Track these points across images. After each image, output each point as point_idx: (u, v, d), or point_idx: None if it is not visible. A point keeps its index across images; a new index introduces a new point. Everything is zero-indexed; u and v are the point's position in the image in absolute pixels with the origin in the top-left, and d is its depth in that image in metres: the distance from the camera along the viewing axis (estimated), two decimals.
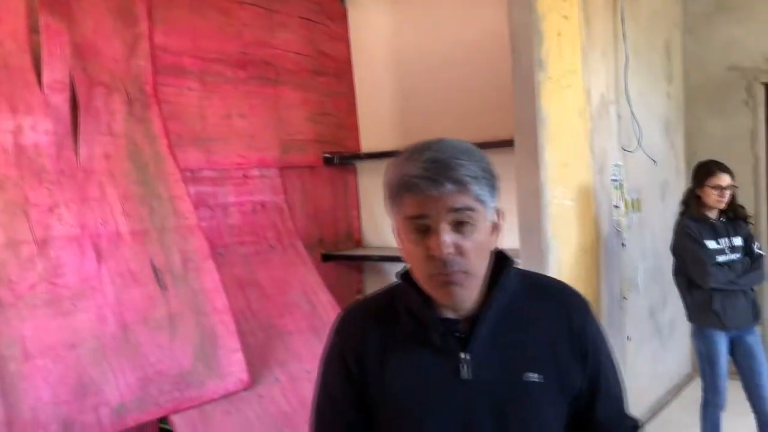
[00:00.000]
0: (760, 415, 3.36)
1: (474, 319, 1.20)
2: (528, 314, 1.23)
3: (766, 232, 4.88)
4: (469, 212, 1.13)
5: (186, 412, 2.76)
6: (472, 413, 1.17)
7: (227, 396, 2.91)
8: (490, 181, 1.16)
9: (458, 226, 1.13)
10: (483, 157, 1.17)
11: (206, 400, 2.84)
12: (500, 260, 1.24)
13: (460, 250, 1.13)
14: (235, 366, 2.96)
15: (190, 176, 3.33)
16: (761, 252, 3.43)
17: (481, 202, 1.14)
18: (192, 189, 3.28)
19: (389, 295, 1.29)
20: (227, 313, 3.01)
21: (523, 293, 1.24)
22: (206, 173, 3.46)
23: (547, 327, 1.22)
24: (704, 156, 3.65)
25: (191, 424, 2.76)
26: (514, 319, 1.21)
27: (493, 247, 1.22)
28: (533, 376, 1.18)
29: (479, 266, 1.17)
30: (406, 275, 1.24)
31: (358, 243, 4.40)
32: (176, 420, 2.72)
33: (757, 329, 3.43)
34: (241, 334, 3.08)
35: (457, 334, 1.19)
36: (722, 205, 3.37)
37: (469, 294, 1.18)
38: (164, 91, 3.23)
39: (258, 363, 3.13)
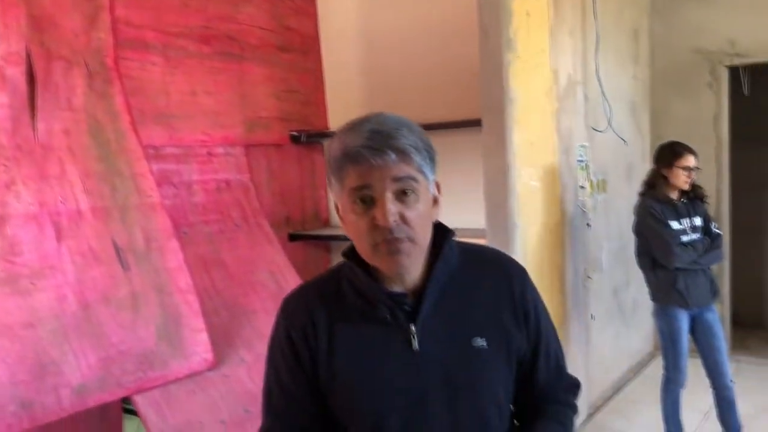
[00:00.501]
0: (719, 390, 3.44)
1: (419, 291, 1.22)
2: (470, 283, 1.26)
3: (728, 212, 4.98)
4: (412, 182, 1.15)
5: (149, 392, 2.73)
6: (425, 384, 1.19)
7: (192, 376, 2.88)
8: (430, 153, 1.19)
9: (401, 195, 1.15)
10: (421, 131, 1.19)
11: (170, 380, 2.81)
12: (440, 233, 1.26)
13: (404, 219, 1.14)
14: (199, 346, 2.93)
15: (153, 153, 3.27)
16: (719, 231, 3.50)
17: (423, 173, 1.17)
18: (155, 166, 3.22)
19: (334, 276, 1.29)
20: (191, 293, 2.97)
21: (463, 264, 1.27)
22: (170, 150, 3.40)
23: (489, 294, 1.26)
24: (669, 138, 3.69)
25: (155, 404, 2.73)
26: (458, 288, 1.24)
27: (434, 220, 1.23)
28: (480, 342, 1.21)
29: (423, 236, 1.18)
30: (350, 253, 1.25)
31: (326, 223, 4.38)
32: (139, 400, 2.69)
33: (715, 307, 3.51)
34: (206, 314, 3.05)
35: (405, 308, 1.21)
36: (687, 186, 3.42)
37: (414, 263, 1.19)
38: (126, 66, 3.15)
39: (223, 343, 3.10)
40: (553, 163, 3.73)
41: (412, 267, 1.20)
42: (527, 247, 3.46)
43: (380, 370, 1.20)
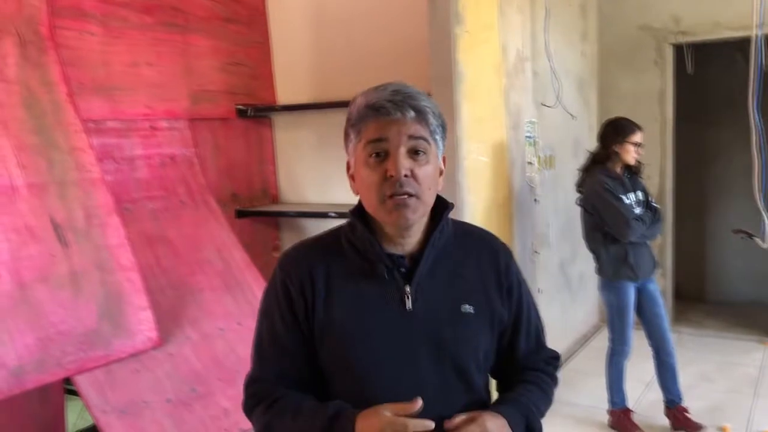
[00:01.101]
0: (662, 356, 3.54)
1: (416, 256, 1.30)
2: (461, 255, 1.35)
3: (671, 187, 5.09)
4: (424, 143, 1.25)
5: (91, 373, 2.66)
6: (414, 341, 1.27)
7: (136, 355, 2.82)
8: (443, 125, 1.30)
9: (414, 154, 1.24)
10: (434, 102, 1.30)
11: (113, 359, 2.74)
12: (440, 205, 1.33)
13: (414, 175, 1.23)
14: (143, 324, 2.87)
15: (94, 127, 3.15)
16: (657, 205, 3.59)
17: (435, 140, 1.27)
18: (95, 141, 3.11)
19: (334, 235, 1.37)
20: (134, 271, 2.90)
21: (456, 236, 1.36)
22: (111, 124, 3.29)
23: (477, 267, 1.36)
24: (616, 114, 3.73)
25: (97, 384, 2.66)
26: (450, 258, 1.33)
27: (439, 189, 1.31)
28: (468, 308, 1.31)
29: (429, 195, 1.27)
30: (356, 212, 1.32)
31: (275, 199, 4.31)
32: (81, 381, 2.62)
33: (655, 277, 3.62)
34: (150, 292, 2.98)
35: (402, 269, 1.29)
36: (635, 162, 3.48)
37: (417, 219, 1.27)
38: (62, 35, 3.02)
39: (168, 321, 3.04)
40: (501, 139, 3.75)
41: (415, 223, 1.28)
42: (475, 221, 3.47)
43: (374, 323, 1.27)
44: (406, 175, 1.21)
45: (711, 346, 4.83)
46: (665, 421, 3.60)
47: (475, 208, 3.46)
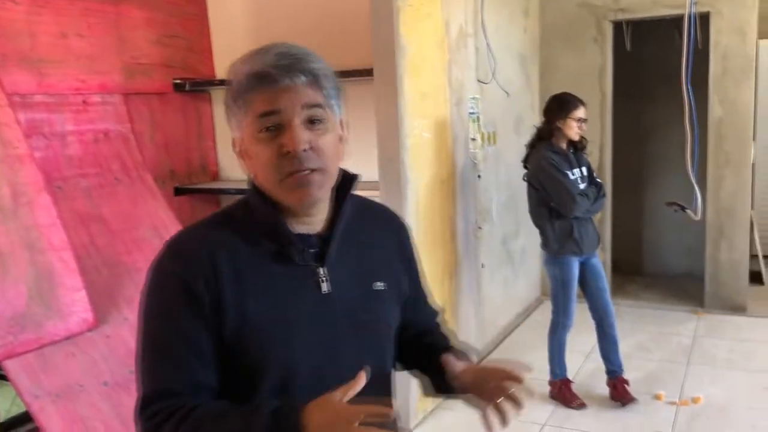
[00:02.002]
0: (604, 328, 3.62)
1: (325, 234, 1.21)
2: (367, 231, 1.30)
3: (609, 163, 5.19)
4: (321, 110, 1.13)
5: (22, 357, 2.56)
6: (334, 325, 1.19)
7: (70, 337, 2.73)
8: (338, 87, 1.18)
9: (311, 124, 1.12)
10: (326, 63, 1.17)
11: (45, 342, 2.65)
12: (345, 177, 1.24)
13: (314, 148, 1.12)
14: (77, 305, 2.77)
15: (20, 101, 3.00)
16: (601, 181, 3.64)
17: (330, 105, 1.16)
18: (22, 115, 2.96)
19: (230, 215, 1.22)
20: (67, 250, 2.79)
21: (359, 213, 1.28)
22: (39, 98, 3.14)
23: (382, 242, 1.32)
24: (557, 90, 3.76)
25: (29, 368, 2.56)
26: (357, 236, 1.26)
27: (341, 158, 1.21)
28: (380, 285, 1.26)
29: (333, 166, 1.17)
30: (254, 188, 1.19)
31: (215, 176, 4.21)
32: (10, 366, 2.52)
33: (597, 252, 3.68)
34: (85, 272, 2.88)
35: (312, 250, 1.19)
36: (578, 137, 3.51)
37: (324, 195, 1.18)
38: None
39: (104, 302, 2.95)
40: (444, 115, 3.74)
41: (322, 199, 1.18)
42: (419, 197, 3.47)
43: (292, 313, 1.15)
44: (305, 150, 1.10)
45: (648, 317, 4.98)
46: (604, 391, 3.70)
47: (418, 185, 3.45)
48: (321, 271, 1.18)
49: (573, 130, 3.48)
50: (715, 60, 4.74)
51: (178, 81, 3.86)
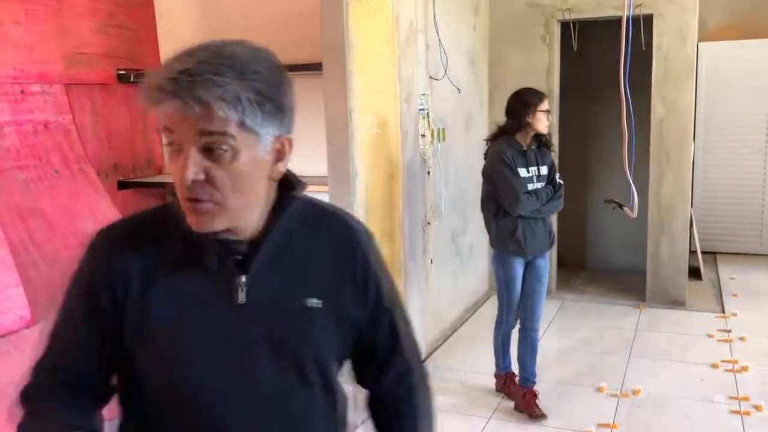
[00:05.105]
0: (527, 331, 3.61)
1: (256, 241, 1.11)
2: (311, 241, 1.18)
3: (556, 160, 5.25)
4: (225, 137, 0.99)
5: None
6: (247, 339, 1.10)
7: (6, 335, 2.65)
8: (266, 104, 1.01)
9: (210, 152, 1.00)
10: (265, 75, 1.02)
11: None
12: (287, 186, 1.15)
13: (210, 179, 1.01)
14: (14, 302, 2.69)
15: None
16: (561, 181, 3.62)
17: (247, 128, 1.00)
18: None
19: (158, 214, 1.16)
20: (2, 245, 2.71)
21: (307, 220, 1.18)
22: None
23: (329, 256, 1.19)
24: (507, 88, 3.78)
25: None
26: (297, 245, 1.16)
27: (275, 177, 1.11)
28: (313, 302, 1.14)
29: (235, 198, 1.04)
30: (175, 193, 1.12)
31: (160, 170, 4.13)
32: None
33: (548, 253, 3.67)
34: (22, 268, 2.80)
35: (237, 257, 1.10)
36: (547, 130, 3.53)
37: (223, 227, 1.06)
38: None
39: (43, 299, 2.86)
40: (394, 111, 3.74)
41: (219, 227, 1.06)
42: (368, 193, 3.47)
43: (199, 323, 1.09)
44: (197, 180, 1.00)
45: (591, 311, 5.09)
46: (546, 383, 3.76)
47: (367, 180, 3.45)
48: (240, 279, 1.09)
49: (542, 122, 3.45)
50: (657, 61, 4.87)
51: (122, 72, 3.77)
